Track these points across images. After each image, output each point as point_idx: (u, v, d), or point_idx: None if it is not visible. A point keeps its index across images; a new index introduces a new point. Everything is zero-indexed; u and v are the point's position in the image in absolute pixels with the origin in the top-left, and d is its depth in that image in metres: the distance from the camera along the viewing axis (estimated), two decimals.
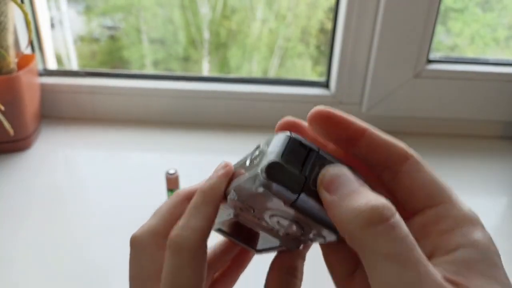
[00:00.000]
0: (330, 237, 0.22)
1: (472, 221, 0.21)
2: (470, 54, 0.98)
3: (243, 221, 0.25)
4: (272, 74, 1.16)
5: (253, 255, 0.31)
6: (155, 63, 1.16)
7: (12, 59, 0.67)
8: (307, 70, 1.13)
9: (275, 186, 0.20)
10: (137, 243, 0.26)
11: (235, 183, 0.24)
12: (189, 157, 0.72)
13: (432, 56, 0.75)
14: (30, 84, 0.71)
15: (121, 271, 0.52)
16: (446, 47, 0.94)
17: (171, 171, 0.58)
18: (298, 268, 0.26)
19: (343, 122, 0.23)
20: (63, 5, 0.92)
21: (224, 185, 0.24)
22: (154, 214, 0.27)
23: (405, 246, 0.18)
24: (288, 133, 0.21)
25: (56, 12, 0.90)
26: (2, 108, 0.61)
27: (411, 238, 0.19)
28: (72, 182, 0.67)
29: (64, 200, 0.63)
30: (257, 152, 0.23)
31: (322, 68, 0.94)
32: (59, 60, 0.87)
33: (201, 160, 0.70)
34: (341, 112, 0.23)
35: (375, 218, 0.18)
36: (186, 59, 1.16)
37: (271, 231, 0.25)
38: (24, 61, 0.70)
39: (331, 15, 0.76)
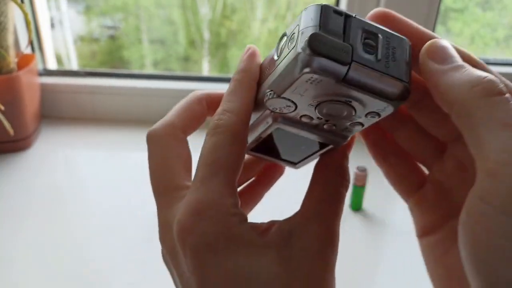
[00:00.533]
0: (386, 110, 0.20)
1: None
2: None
3: (283, 125, 0.23)
4: None
5: (283, 171, 0.29)
6: (155, 63, 1.16)
7: (12, 59, 0.67)
8: None
9: (321, 61, 0.18)
10: (154, 137, 0.24)
11: (269, 80, 0.21)
12: None
13: None
14: (30, 84, 0.71)
15: (121, 271, 0.52)
16: None
17: None
18: (346, 169, 0.25)
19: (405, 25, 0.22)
20: (63, 5, 0.92)
21: (255, 64, 0.23)
22: (169, 112, 0.26)
23: None
24: (318, 3, 0.19)
25: (56, 12, 0.90)
26: (2, 108, 0.61)
27: None
28: (72, 182, 0.67)
29: (64, 200, 0.63)
30: (283, 41, 0.20)
31: None
32: (59, 60, 0.87)
33: None
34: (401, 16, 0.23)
35: (494, 89, 0.18)
36: (186, 59, 1.16)
37: (315, 129, 0.23)
38: (24, 61, 0.70)
39: None
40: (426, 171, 0.26)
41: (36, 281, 0.50)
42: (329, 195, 0.23)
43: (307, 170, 0.26)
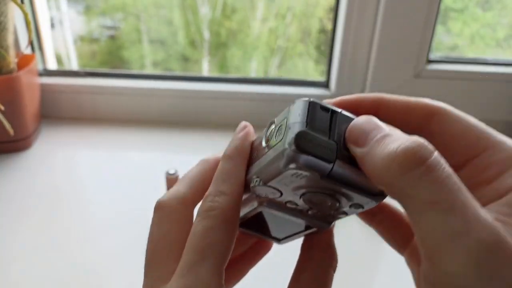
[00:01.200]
0: (370, 204, 0.20)
1: None
2: (470, 54, 0.98)
3: (268, 208, 0.23)
4: (272, 74, 1.16)
5: (270, 247, 0.29)
6: (155, 63, 1.16)
7: (12, 59, 0.67)
8: (308, 69, 1.13)
9: (307, 159, 0.18)
10: (164, 208, 0.24)
11: (255, 167, 0.22)
12: (189, 157, 0.72)
13: (432, 56, 0.75)
14: (30, 84, 0.71)
15: (121, 271, 0.52)
16: (446, 47, 0.94)
17: (171, 171, 0.58)
18: (334, 248, 0.24)
19: (353, 103, 0.21)
20: (63, 5, 0.92)
21: (248, 146, 0.23)
22: (181, 181, 0.25)
23: (448, 189, 0.16)
24: (305, 98, 0.19)
25: (56, 12, 0.90)
26: (2, 108, 0.61)
27: (454, 179, 0.16)
28: (72, 182, 0.67)
29: (64, 200, 0.63)
30: (272, 128, 0.21)
31: (322, 67, 0.94)
32: (59, 60, 0.87)
33: None
34: (347, 96, 0.22)
35: (411, 161, 0.16)
36: (186, 59, 1.16)
37: (300, 213, 0.23)
38: (24, 61, 0.70)
39: (331, 15, 0.76)
40: None
41: (36, 281, 0.50)
42: (316, 278, 0.23)
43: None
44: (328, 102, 0.21)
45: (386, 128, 0.19)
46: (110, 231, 0.58)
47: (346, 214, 0.22)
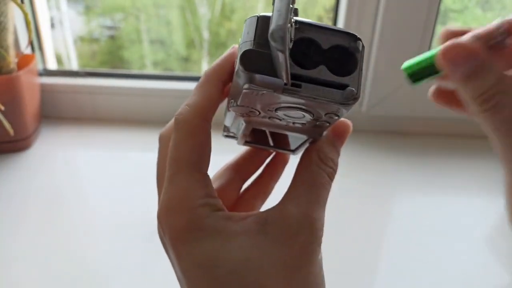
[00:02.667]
0: (341, 111, 0.20)
1: None
2: None
3: (257, 125, 0.23)
4: None
5: (287, 160, 0.30)
6: (155, 63, 1.16)
7: (12, 59, 0.67)
8: None
9: (257, 76, 0.18)
10: (161, 137, 0.27)
11: (231, 89, 0.22)
12: None
13: None
14: (30, 84, 0.71)
15: (121, 271, 0.52)
16: None
17: None
18: (329, 154, 0.24)
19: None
20: (63, 5, 0.92)
21: (227, 63, 0.24)
22: (194, 95, 0.26)
23: None
24: (256, 15, 0.19)
25: (56, 12, 0.90)
26: (2, 108, 0.61)
27: None
28: (72, 182, 0.67)
29: (64, 200, 0.63)
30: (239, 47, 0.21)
31: None
32: (59, 60, 0.87)
33: None
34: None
35: None
36: (186, 59, 1.16)
37: (287, 128, 0.23)
38: (24, 61, 0.70)
39: (331, 15, 0.76)
40: None
41: (36, 281, 0.50)
42: (307, 179, 0.23)
43: None
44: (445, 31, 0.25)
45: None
46: (110, 231, 0.58)
47: (328, 123, 0.22)
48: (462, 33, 0.25)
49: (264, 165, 0.31)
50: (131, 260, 0.54)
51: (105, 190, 0.65)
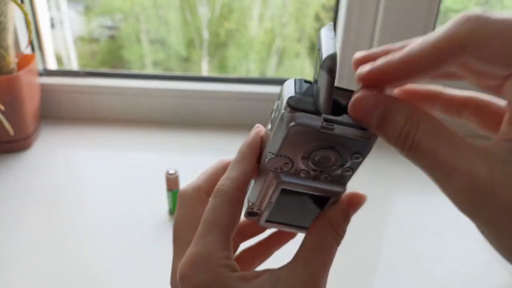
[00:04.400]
0: (365, 147, 0.24)
1: None
2: None
3: (287, 185, 0.26)
4: (270, 73, 1.16)
5: (295, 235, 0.32)
6: (155, 64, 1.16)
7: (12, 59, 0.67)
8: (306, 69, 1.13)
9: (301, 115, 0.22)
10: (183, 196, 0.29)
11: (266, 148, 0.26)
12: (189, 157, 0.72)
13: None
14: (30, 84, 0.71)
15: (121, 271, 0.52)
16: None
17: (171, 171, 0.58)
18: (340, 222, 0.27)
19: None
20: (63, 5, 0.92)
21: (258, 140, 0.27)
22: (199, 175, 0.31)
23: None
24: (291, 78, 0.24)
25: (56, 12, 0.90)
26: (2, 108, 0.61)
27: None
28: (72, 182, 0.67)
29: (64, 200, 0.63)
30: (272, 115, 0.25)
31: None
32: (59, 60, 0.87)
33: (201, 160, 0.70)
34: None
35: None
36: (185, 59, 1.16)
37: (314, 182, 0.26)
38: (24, 61, 0.70)
39: (331, 15, 0.76)
40: None
41: (36, 281, 0.50)
42: (317, 244, 0.26)
43: None
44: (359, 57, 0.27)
45: None
46: (110, 230, 0.58)
47: (351, 169, 0.26)
48: (371, 58, 0.26)
49: (270, 232, 0.33)
50: (131, 260, 0.54)
51: (104, 190, 0.65)
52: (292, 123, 0.22)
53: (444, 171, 0.21)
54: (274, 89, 0.78)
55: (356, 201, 0.28)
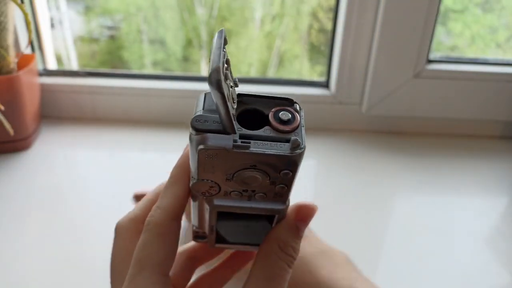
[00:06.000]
0: (290, 162, 0.21)
1: None
2: (470, 55, 0.98)
3: (222, 208, 0.24)
4: (271, 74, 1.16)
5: (253, 255, 0.29)
6: (155, 63, 1.16)
7: (12, 59, 0.67)
8: (305, 70, 1.13)
9: (209, 136, 0.20)
10: (118, 228, 0.28)
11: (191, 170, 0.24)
12: None
13: (432, 56, 0.75)
14: (30, 84, 0.71)
15: None
16: (446, 48, 0.94)
17: (138, 190, 0.59)
18: (288, 241, 0.24)
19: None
20: (63, 5, 0.92)
21: (187, 162, 0.24)
22: (137, 204, 0.28)
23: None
24: (204, 92, 0.22)
25: (56, 12, 0.90)
26: (2, 108, 0.61)
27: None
28: (72, 182, 0.67)
29: (64, 200, 0.63)
30: None
31: (320, 68, 0.94)
32: (59, 60, 0.87)
33: None
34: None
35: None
36: (185, 59, 1.16)
37: (251, 203, 0.24)
38: (24, 61, 0.70)
39: (331, 15, 0.76)
40: None
41: (36, 281, 0.50)
42: (266, 273, 0.23)
43: None
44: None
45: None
46: (110, 231, 0.58)
47: (285, 185, 0.23)
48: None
49: (227, 252, 0.31)
50: None
51: (105, 190, 0.65)
52: (201, 146, 0.20)
53: None
54: (274, 89, 0.78)
55: (305, 213, 0.25)
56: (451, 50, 0.96)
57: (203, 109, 0.21)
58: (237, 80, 0.22)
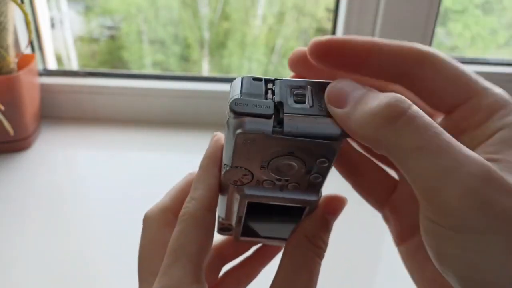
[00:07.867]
0: (331, 150, 0.20)
1: (506, 105, 0.20)
2: (470, 55, 0.98)
3: (252, 198, 0.24)
4: (271, 74, 1.15)
5: (280, 248, 0.29)
6: (155, 64, 1.16)
7: (12, 59, 0.67)
8: None
9: (247, 119, 0.19)
10: (147, 219, 0.27)
11: (223, 157, 0.23)
12: (189, 157, 0.72)
13: None
14: (30, 84, 0.71)
15: (121, 271, 0.52)
16: (446, 48, 0.94)
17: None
18: (317, 234, 0.24)
19: (346, 44, 0.21)
20: (63, 5, 0.92)
21: (218, 150, 0.24)
22: (166, 193, 0.27)
23: (431, 133, 0.17)
24: (241, 76, 0.21)
25: (56, 12, 0.90)
26: (2, 108, 0.61)
27: (435, 124, 0.17)
28: (72, 182, 0.67)
29: (64, 200, 0.63)
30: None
31: None
32: (59, 60, 0.87)
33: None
34: (339, 36, 0.21)
35: (392, 114, 0.17)
36: (186, 59, 1.16)
37: (282, 192, 0.23)
38: (24, 61, 0.70)
39: (331, 15, 0.76)
40: (395, 176, 0.26)
41: (36, 282, 0.50)
42: (296, 263, 0.23)
43: None
44: (318, 41, 0.21)
45: (363, 88, 0.19)
46: (111, 231, 0.58)
47: (320, 175, 0.22)
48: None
49: (254, 249, 0.30)
50: (131, 260, 0.54)
51: (105, 190, 0.65)
52: (239, 131, 0.19)
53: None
54: None
55: (335, 206, 0.25)
56: (451, 51, 0.96)
57: (240, 93, 0.20)
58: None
